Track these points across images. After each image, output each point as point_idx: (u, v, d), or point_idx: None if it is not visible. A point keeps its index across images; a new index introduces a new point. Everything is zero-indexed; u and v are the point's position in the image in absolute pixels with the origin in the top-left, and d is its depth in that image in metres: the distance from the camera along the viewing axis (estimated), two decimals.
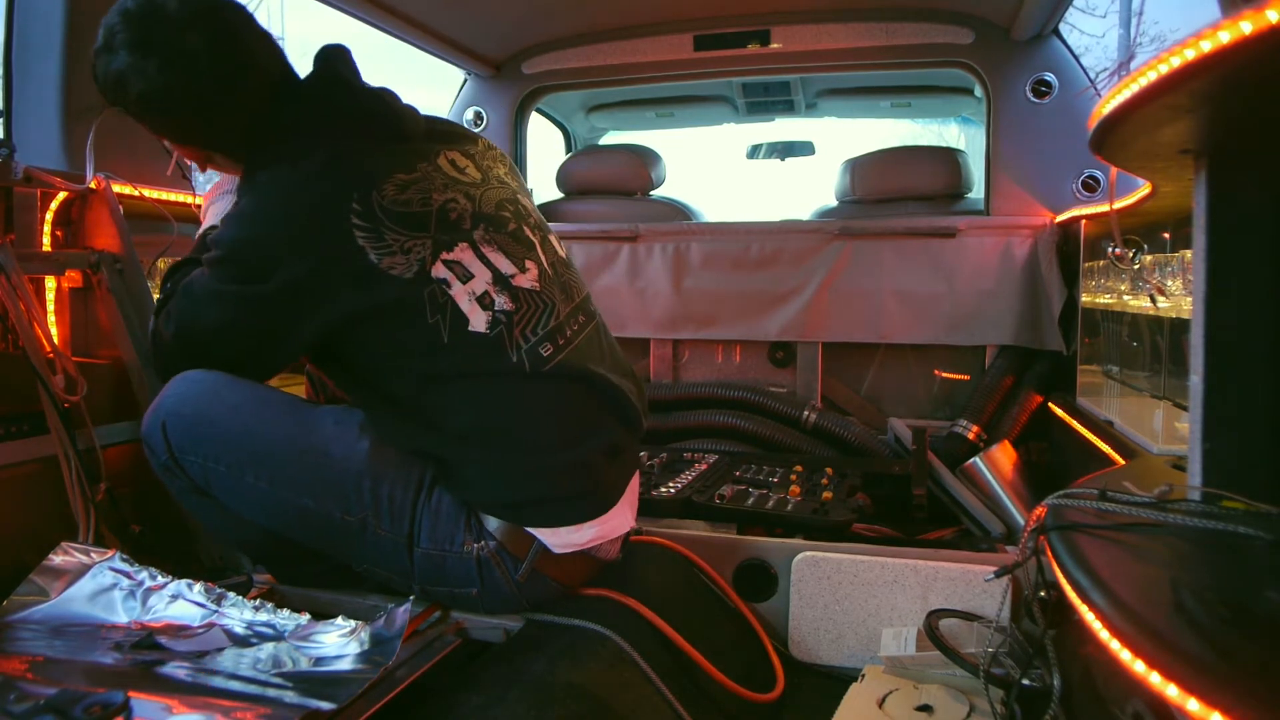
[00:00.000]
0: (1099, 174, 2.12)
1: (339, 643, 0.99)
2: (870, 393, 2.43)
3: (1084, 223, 1.99)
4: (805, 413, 2.27)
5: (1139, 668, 0.62)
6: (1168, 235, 1.58)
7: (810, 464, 2.04)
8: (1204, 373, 0.90)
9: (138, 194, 1.53)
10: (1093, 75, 2.22)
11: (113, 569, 1.13)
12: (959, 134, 3.49)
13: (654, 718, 1.04)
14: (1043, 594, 1.01)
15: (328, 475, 1.10)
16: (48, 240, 1.45)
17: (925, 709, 1.20)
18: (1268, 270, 0.88)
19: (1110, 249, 1.70)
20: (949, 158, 2.41)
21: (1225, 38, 0.61)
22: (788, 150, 3.10)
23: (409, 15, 2.16)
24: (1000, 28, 2.22)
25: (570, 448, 1.12)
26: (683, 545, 1.49)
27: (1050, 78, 2.20)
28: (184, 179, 1.62)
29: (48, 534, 1.19)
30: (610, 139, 3.39)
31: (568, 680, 0.98)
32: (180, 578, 1.12)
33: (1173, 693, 0.58)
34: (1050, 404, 2.12)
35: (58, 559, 1.14)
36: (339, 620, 1.03)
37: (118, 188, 1.50)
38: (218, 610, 1.07)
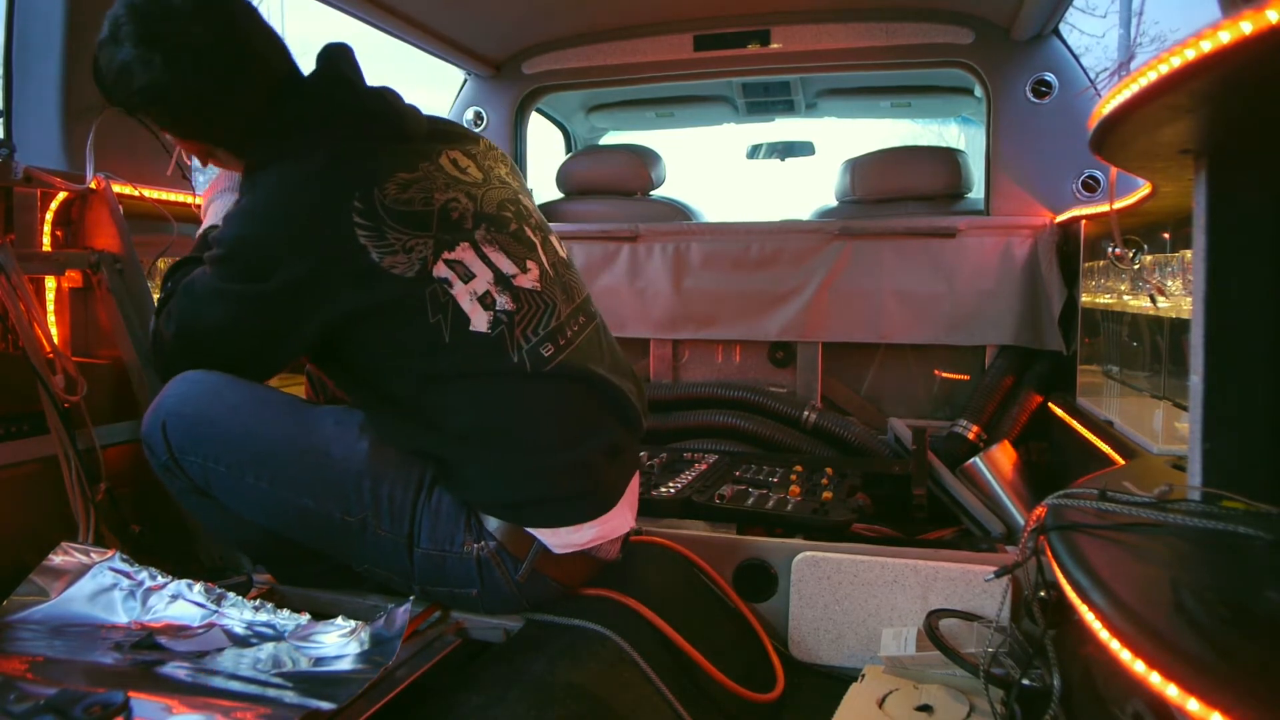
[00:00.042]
0: (1099, 174, 2.12)
1: (339, 643, 0.99)
2: (870, 393, 2.43)
3: (1084, 223, 1.99)
4: (805, 413, 2.27)
5: (1139, 668, 0.62)
6: (1168, 235, 1.58)
7: (810, 464, 2.04)
8: (1204, 373, 0.90)
9: (138, 194, 1.53)
10: (1093, 75, 2.22)
11: (113, 569, 1.13)
12: (959, 134, 3.49)
13: (654, 718, 1.04)
14: (1043, 594, 1.01)
15: (328, 475, 1.10)
16: (48, 240, 1.45)
17: (925, 709, 1.20)
18: (1268, 270, 0.88)
19: (1110, 249, 1.70)
20: (949, 158, 2.41)
21: (1225, 38, 0.61)
22: (788, 150, 3.10)
23: (409, 15, 2.16)
24: (1000, 28, 2.22)
25: (570, 448, 1.12)
26: (683, 545, 1.49)
27: (1050, 78, 2.20)
28: (184, 179, 1.62)
29: (48, 534, 1.19)
30: (610, 139, 3.39)
31: (568, 680, 0.98)
32: (180, 578, 1.12)
33: (1173, 693, 0.58)
34: (1050, 404, 2.12)
35: (58, 559, 1.14)
36: (339, 620, 1.03)
37: (118, 188, 1.50)
38: (218, 610, 1.07)
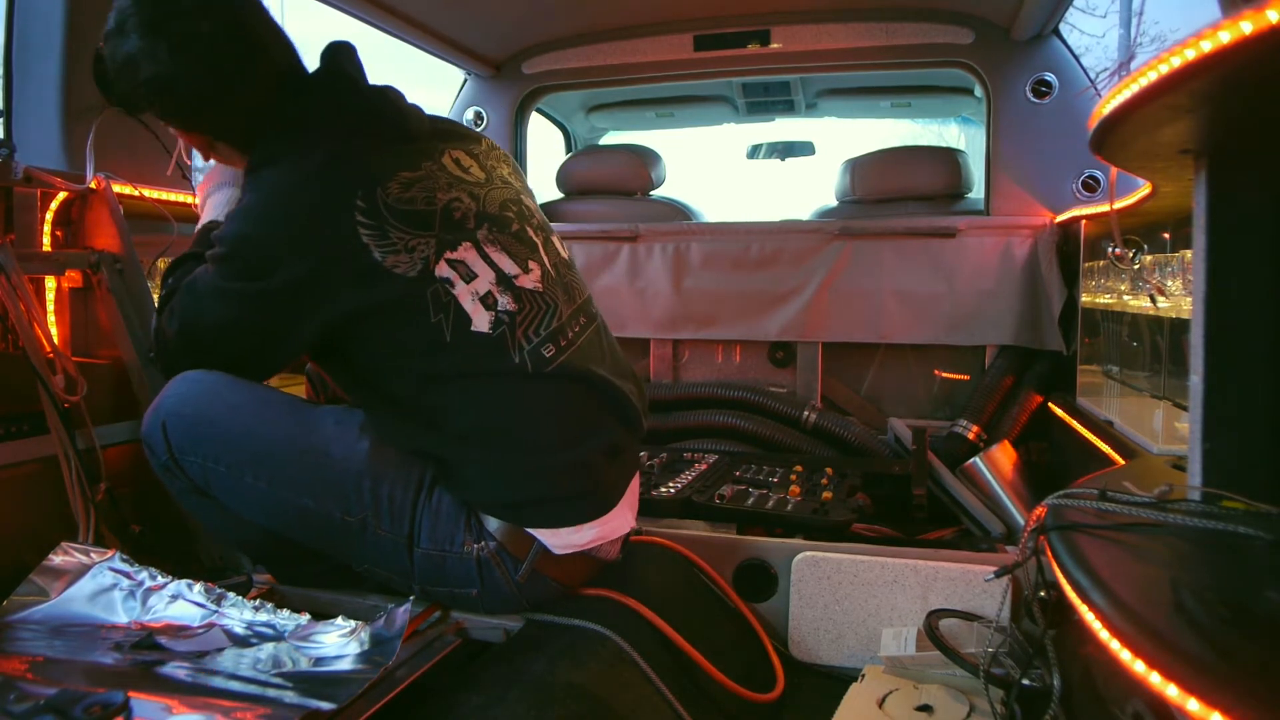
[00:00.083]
0: (1099, 174, 2.12)
1: (339, 643, 0.99)
2: (870, 393, 2.42)
3: (1084, 223, 1.99)
4: (805, 413, 2.27)
5: (1139, 668, 0.62)
6: (1168, 235, 1.58)
7: (810, 464, 2.04)
8: (1204, 373, 0.90)
9: (138, 194, 1.53)
10: (1093, 75, 2.22)
11: (113, 569, 1.13)
12: (959, 134, 3.49)
13: (654, 718, 1.04)
14: (1043, 594, 1.01)
15: (328, 475, 1.10)
16: (48, 240, 1.45)
17: (925, 709, 1.20)
18: (1268, 270, 0.88)
19: (1110, 249, 1.70)
20: (949, 158, 2.41)
21: (1225, 38, 0.61)
22: (788, 150, 3.10)
23: (409, 15, 2.16)
24: (1000, 28, 2.22)
25: (570, 448, 1.12)
26: (683, 545, 1.49)
27: (1050, 78, 2.20)
28: (184, 179, 1.62)
29: (48, 534, 1.19)
30: (610, 139, 3.39)
31: (568, 680, 0.98)
32: (180, 578, 1.12)
33: (1173, 693, 0.58)
34: (1050, 404, 2.12)
35: (58, 559, 1.14)
36: (339, 620, 1.03)
37: (118, 188, 1.50)
38: (218, 610, 1.07)
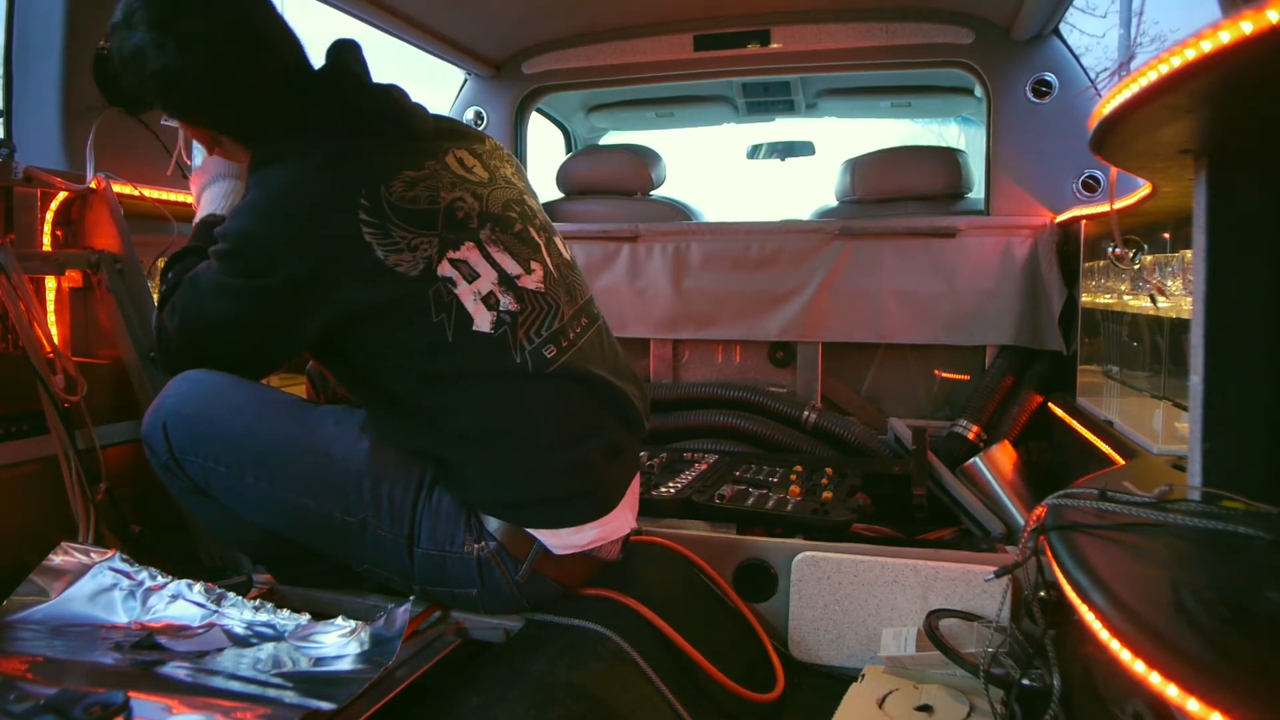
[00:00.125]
0: (1099, 174, 2.12)
1: (339, 643, 0.99)
2: (870, 393, 2.43)
3: (1084, 223, 1.99)
4: (805, 413, 2.27)
5: (1139, 668, 0.62)
6: (1168, 235, 1.58)
7: (810, 464, 2.04)
8: (1204, 373, 0.90)
9: (138, 194, 1.53)
10: (1093, 75, 2.22)
11: (113, 569, 1.13)
12: (959, 134, 3.49)
13: (654, 718, 1.04)
14: (1043, 594, 1.01)
15: (328, 475, 1.10)
16: (48, 240, 1.45)
17: (925, 709, 1.20)
18: (1268, 270, 0.88)
19: (1110, 249, 1.70)
20: (949, 158, 2.41)
21: (1225, 38, 0.61)
22: (788, 150, 3.10)
23: (409, 15, 2.16)
24: (1000, 28, 2.22)
25: (570, 448, 1.12)
26: (683, 545, 1.49)
27: (1050, 78, 2.20)
28: (184, 178, 1.62)
29: (48, 534, 1.19)
30: (610, 139, 3.39)
31: (568, 680, 0.98)
32: (180, 578, 1.12)
33: (1173, 693, 0.58)
34: (1050, 404, 2.12)
35: (58, 559, 1.14)
36: (339, 620, 1.03)
37: (118, 188, 1.50)
38: (218, 610, 1.07)
